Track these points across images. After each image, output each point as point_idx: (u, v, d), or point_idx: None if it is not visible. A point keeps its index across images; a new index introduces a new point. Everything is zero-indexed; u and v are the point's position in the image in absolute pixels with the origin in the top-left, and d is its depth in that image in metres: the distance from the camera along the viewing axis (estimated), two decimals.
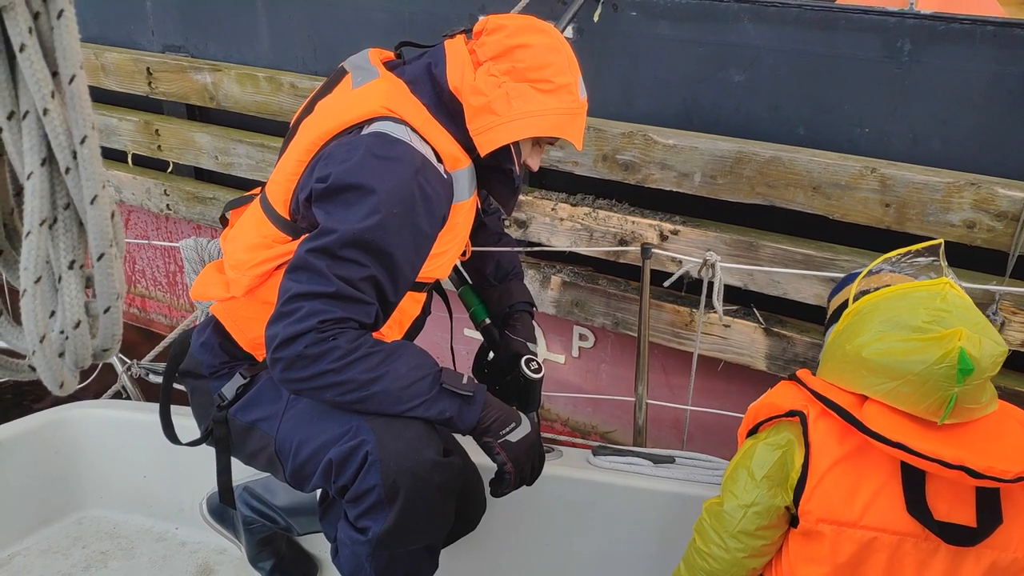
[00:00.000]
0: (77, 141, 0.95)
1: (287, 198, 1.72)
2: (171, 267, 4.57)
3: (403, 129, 1.64)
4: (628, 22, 2.93)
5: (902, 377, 1.47)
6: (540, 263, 3.27)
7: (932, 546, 1.49)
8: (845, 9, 2.60)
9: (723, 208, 2.86)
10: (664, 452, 2.30)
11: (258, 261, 1.75)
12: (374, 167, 1.57)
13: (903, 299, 1.55)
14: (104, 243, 0.98)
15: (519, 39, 1.68)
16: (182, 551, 2.47)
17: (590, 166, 2.99)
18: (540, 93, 1.67)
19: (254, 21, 3.72)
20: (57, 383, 1.00)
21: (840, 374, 1.60)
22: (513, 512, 2.18)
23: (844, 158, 2.61)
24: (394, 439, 1.60)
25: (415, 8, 3.30)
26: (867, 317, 1.58)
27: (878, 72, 2.62)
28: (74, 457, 2.53)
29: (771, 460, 1.60)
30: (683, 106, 2.93)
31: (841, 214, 2.63)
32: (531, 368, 2.00)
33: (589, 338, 3.40)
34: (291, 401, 1.74)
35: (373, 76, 1.75)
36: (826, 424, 1.56)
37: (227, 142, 3.79)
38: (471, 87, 1.68)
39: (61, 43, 0.92)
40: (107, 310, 1.00)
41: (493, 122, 1.67)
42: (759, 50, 2.75)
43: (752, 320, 2.87)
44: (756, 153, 2.68)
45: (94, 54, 4.05)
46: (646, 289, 2.58)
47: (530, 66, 1.67)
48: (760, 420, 1.69)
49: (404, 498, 1.60)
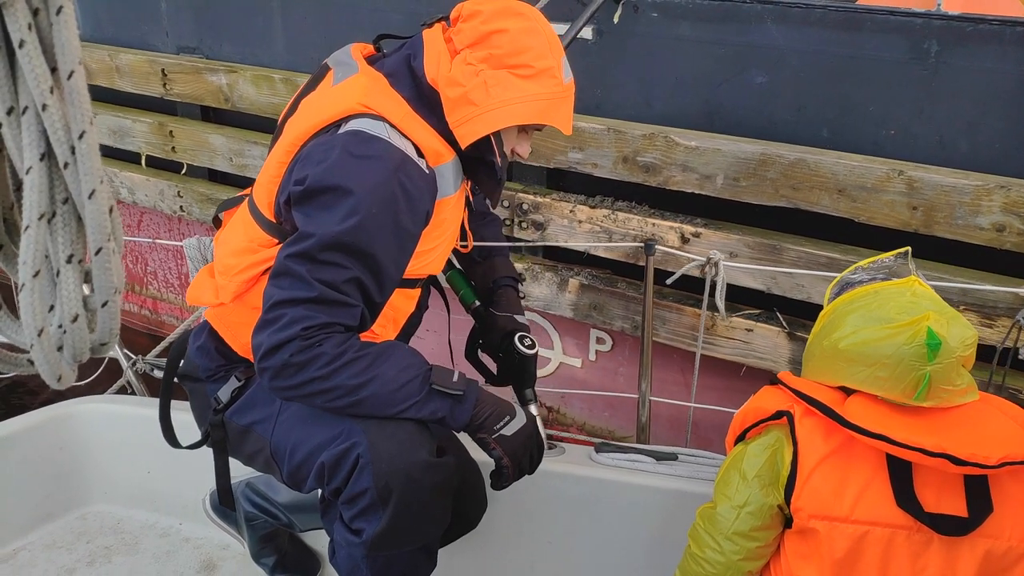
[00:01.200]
0: (75, 136, 0.95)
1: (271, 200, 1.69)
2: (183, 268, 4.55)
3: (381, 125, 1.60)
4: (648, 23, 2.90)
5: (877, 362, 1.52)
6: (558, 266, 3.24)
7: (925, 538, 1.49)
8: (871, 10, 2.57)
9: (745, 210, 2.83)
10: (667, 449, 2.28)
11: (244, 266, 1.73)
12: (351, 167, 1.54)
13: (875, 296, 1.63)
14: (102, 237, 0.98)
15: (495, 24, 1.61)
16: (185, 546, 2.48)
17: (610, 168, 2.96)
18: (520, 79, 1.60)
19: (269, 22, 3.71)
20: (55, 377, 1.01)
21: (820, 371, 1.66)
22: (515, 509, 2.20)
23: (870, 160, 2.58)
24: (386, 440, 1.59)
25: (432, 9, 3.26)
26: (842, 315, 1.64)
27: (904, 73, 2.58)
28: (78, 452, 2.53)
29: (761, 460, 1.62)
30: (704, 107, 2.91)
31: (867, 217, 2.59)
32: (524, 344, 1.97)
33: (607, 341, 3.37)
34: (285, 404, 1.73)
35: (353, 71, 1.70)
36: (811, 422, 1.58)
37: (242, 144, 3.77)
38: (447, 78, 1.63)
39: (60, 39, 0.92)
40: (105, 304, 1.01)
41: (471, 113, 1.61)
42: (782, 51, 2.72)
43: (775, 324, 2.83)
44: (780, 155, 2.65)
45: (108, 55, 4.04)
46: (649, 285, 2.58)
47: (508, 51, 1.60)
48: (748, 425, 1.71)
49: (397, 500, 1.59)
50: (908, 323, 1.51)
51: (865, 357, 1.55)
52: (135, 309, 4.81)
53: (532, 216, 3.15)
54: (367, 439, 1.59)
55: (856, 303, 1.64)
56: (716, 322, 2.90)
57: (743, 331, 2.88)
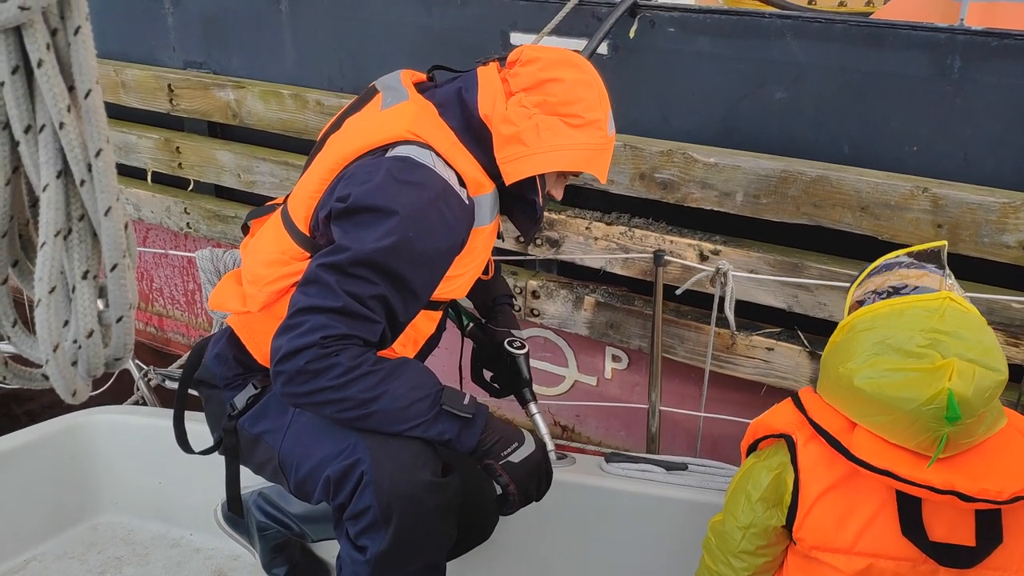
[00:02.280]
0: (92, 154, 0.97)
1: (308, 215, 1.73)
2: (189, 285, 4.51)
3: (427, 153, 1.65)
4: (665, 38, 2.87)
5: (892, 413, 1.44)
6: (572, 283, 3.20)
7: (930, 568, 1.46)
8: (893, 25, 2.53)
9: (765, 228, 2.79)
10: (677, 459, 2.28)
11: (275, 277, 1.76)
12: (394, 190, 1.59)
13: (899, 317, 1.50)
14: (118, 254, 1.00)
15: (552, 73, 1.70)
16: (196, 557, 2.48)
17: (626, 185, 2.92)
18: (569, 127, 1.69)
19: (279, 37, 3.67)
20: (70, 391, 1.02)
21: (834, 397, 1.59)
22: (525, 520, 2.17)
23: (894, 177, 2.54)
24: (389, 459, 1.60)
25: (446, 24, 3.24)
26: (861, 337, 1.53)
27: (927, 89, 2.55)
28: (90, 463, 2.55)
29: (765, 482, 1.61)
30: (722, 124, 2.87)
31: (891, 235, 2.55)
32: (514, 346, 2.06)
33: (622, 359, 3.32)
34: (296, 415, 1.74)
35: (402, 98, 1.76)
36: (816, 448, 1.55)
37: (250, 160, 3.73)
38: (502, 116, 1.70)
39: (78, 58, 0.94)
40: (120, 319, 1.03)
41: (521, 152, 1.69)
42: (802, 66, 2.68)
43: (796, 343, 2.79)
44: (802, 172, 2.62)
45: (114, 70, 4.00)
46: (659, 296, 2.57)
47: (561, 100, 1.69)
48: (758, 438, 1.71)
49: (399, 520, 1.60)
50: (929, 369, 1.40)
51: (882, 405, 1.45)
52: (141, 326, 4.76)
53: (547, 233, 3.11)
54: (371, 456, 1.60)
55: (877, 322, 1.53)
56: (736, 341, 2.86)
57: (763, 350, 2.84)
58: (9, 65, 0.92)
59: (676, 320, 2.98)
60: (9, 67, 0.92)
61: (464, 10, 3.19)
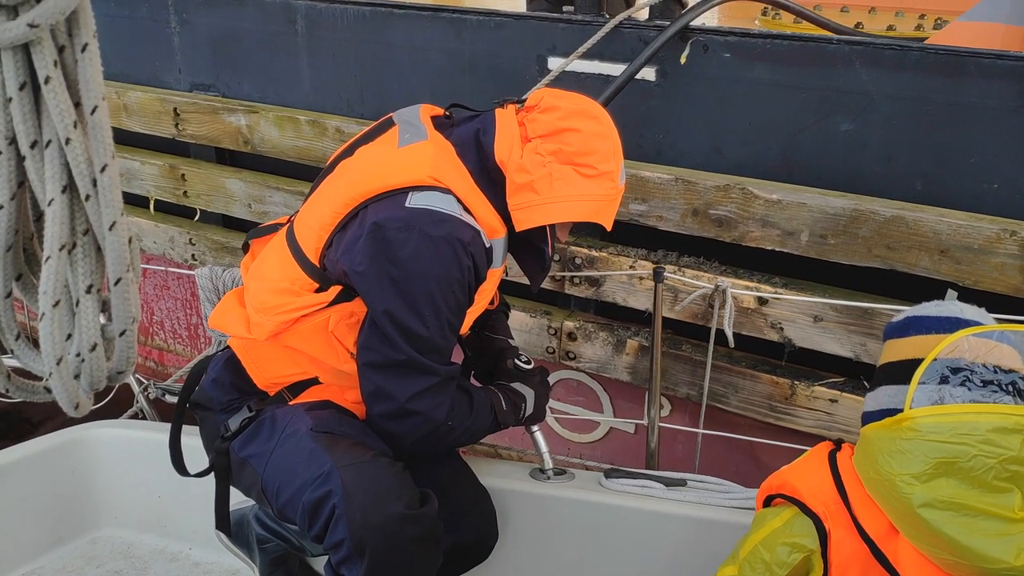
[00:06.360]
0: (98, 169, 0.98)
1: (319, 247, 1.75)
2: (192, 319, 4.26)
3: (451, 201, 1.70)
4: (720, 64, 2.66)
5: (963, 558, 1.32)
6: (613, 324, 2.98)
7: None
8: (976, 53, 2.34)
9: (828, 269, 2.58)
10: (676, 475, 2.28)
11: (286, 308, 1.76)
12: (429, 252, 1.66)
13: (970, 433, 1.33)
14: (122, 268, 1.02)
15: (570, 122, 1.75)
16: (195, 571, 2.48)
17: (677, 221, 2.70)
18: (582, 177, 1.74)
19: (294, 60, 3.44)
20: (73, 405, 1.04)
21: (882, 500, 1.42)
22: (525, 535, 2.26)
23: (977, 219, 2.33)
24: (361, 493, 1.62)
25: (477, 48, 3.02)
26: (922, 446, 1.36)
27: (1011, 122, 2.35)
28: (89, 476, 2.55)
29: (791, 563, 1.50)
30: (781, 156, 2.66)
31: (973, 281, 2.34)
32: (522, 361, 2.16)
33: (665, 406, 3.09)
34: (281, 440, 1.77)
35: (421, 136, 1.79)
36: (852, 547, 1.41)
37: (263, 189, 3.49)
38: (517, 164, 1.75)
39: (85, 75, 0.96)
40: (123, 333, 1.05)
41: (532, 200, 1.75)
42: (872, 96, 2.48)
43: (862, 394, 2.57)
44: (875, 211, 2.41)
45: (116, 92, 3.76)
46: (658, 312, 2.53)
47: (577, 151, 1.73)
48: (775, 494, 1.60)
49: (372, 555, 1.61)
50: (1009, 522, 1.28)
51: (951, 547, 1.32)
52: (140, 360, 4.50)
53: (587, 272, 2.89)
54: (343, 488, 1.62)
55: (945, 435, 1.35)
56: (796, 391, 2.65)
57: (826, 401, 2.63)
58: (17, 81, 0.92)
59: (728, 367, 2.76)
60: (17, 83, 0.92)
61: (498, 33, 2.97)
